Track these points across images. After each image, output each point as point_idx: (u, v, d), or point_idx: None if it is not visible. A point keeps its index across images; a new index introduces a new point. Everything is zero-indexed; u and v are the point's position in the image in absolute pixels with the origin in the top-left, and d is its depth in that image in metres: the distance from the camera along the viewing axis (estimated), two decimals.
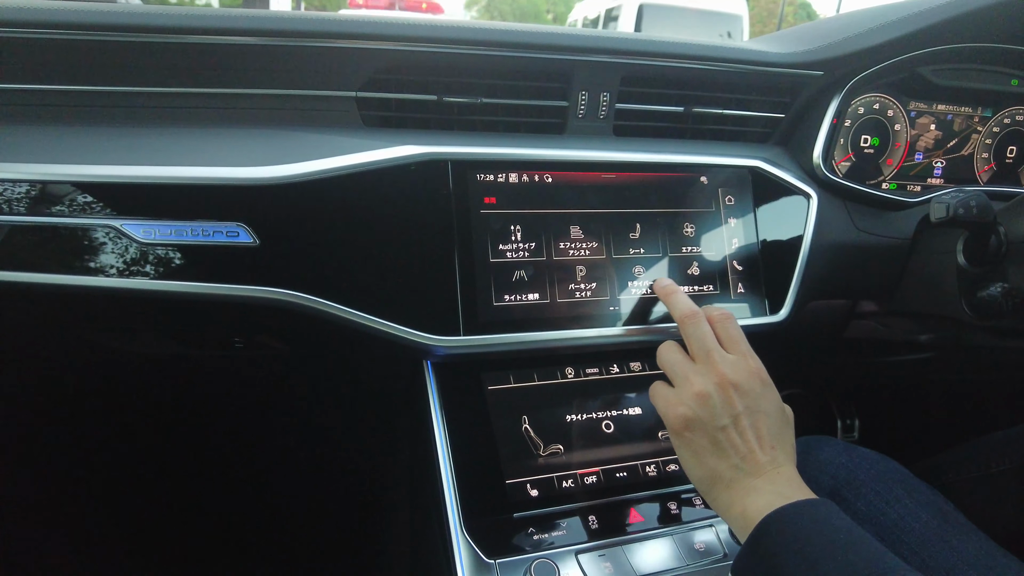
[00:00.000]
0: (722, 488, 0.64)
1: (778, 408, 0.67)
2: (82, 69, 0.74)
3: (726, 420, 0.64)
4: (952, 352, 1.19)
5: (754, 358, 0.69)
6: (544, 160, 0.80)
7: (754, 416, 0.65)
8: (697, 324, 0.70)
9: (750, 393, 0.65)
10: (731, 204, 0.87)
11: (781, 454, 0.64)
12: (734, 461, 0.63)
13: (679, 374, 0.69)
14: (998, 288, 0.85)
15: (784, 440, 0.66)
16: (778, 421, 0.66)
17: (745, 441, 0.64)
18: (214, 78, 0.77)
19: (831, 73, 0.95)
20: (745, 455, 0.63)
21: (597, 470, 0.79)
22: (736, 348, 0.68)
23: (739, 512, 0.61)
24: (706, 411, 0.65)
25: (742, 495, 0.62)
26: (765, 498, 0.60)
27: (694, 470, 0.67)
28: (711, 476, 0.65)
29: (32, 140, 0.71)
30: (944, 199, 0.81)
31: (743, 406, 0.64)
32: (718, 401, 0.65)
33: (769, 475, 0.62)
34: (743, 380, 0.66)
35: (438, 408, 0.78)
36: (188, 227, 0.70)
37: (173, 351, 0.96)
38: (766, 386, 0.67)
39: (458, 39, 0.79)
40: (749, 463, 0.63)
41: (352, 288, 0.73)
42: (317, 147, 0.74)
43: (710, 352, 0.68)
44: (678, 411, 0.66)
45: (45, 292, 0.70)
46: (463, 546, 0.71)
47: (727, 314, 0.70)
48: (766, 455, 0.63)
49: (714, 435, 0.64)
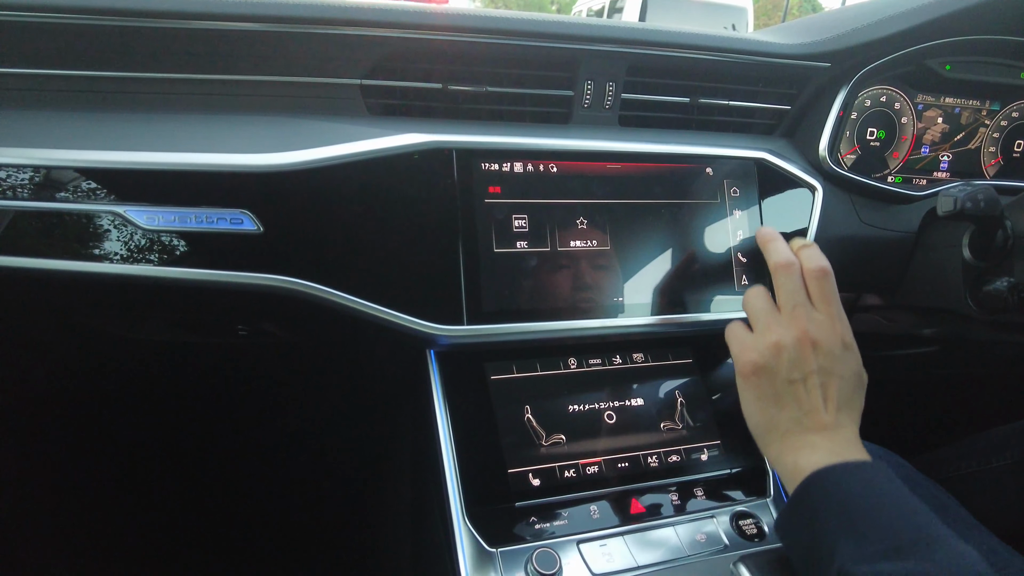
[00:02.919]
0: (776, 437, 0.64)
1: (855, 373, 0.66)
2: (86, 54, 0.73)
3: (796, 375, 0.63)
4: (955, 346, 1.19)
5: (842, 319, 0.67)
6: (549, 150, 0.80)
7: (827, 377, 0.64)
8: (790, 275, 0.68)
9: (829, 354, 0.64)
10: (736, 196, 0.87)
11: (846, 417, 0.63)
12: (796, 415, 0.63)
13: (761, 321, 0.68)
14: (1004, 283, 0.85)
15: (853, 405, 0.65)
16: (852, 385, 0.65)
17: (812, 399, 0.63)
18: (219, 65, 0.76)
19: (838, 65, 0.94)
20: (808, 411, 0.63)
21: (599, 460, 0.79)
22: (826, 306, 0.67)
23: (791, 463, 0.61)
24: (778, 362, 0.64)
25: (796, 448, 0.62)
26: (819, 454, 0.60)
27: (753, 416, 0.66)
28: (768, 424, 0.64)
29: (36, 125, 0.71)
30: (952, 192, 0.81)
31: (817, 365, 0.64)
32: (793, 355, 0.64)
33: (828, 433, 0.62)
34: (824, 339, 0.64)
35: (441, 397, 0.78)
36: (192, 213, 0.69)
37: (176, 338, 0.96)
38: (847, 349, 0.66)
39: (464, 27, 0.79)
40: (810, 419, 0.62)
41: (356, 276, 0.73)
42: (321, 134, 0.74)
43: (796, 306, 0.66)
44: (750, 356, 0.66)
45: (48, 278, 0.70)
46: (465, 535, 0.71)
47: (825, 270, 0.68)
48: (830, 416, 0.63)
49: (781, 387, 0.64)
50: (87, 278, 0.70)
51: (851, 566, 0.51)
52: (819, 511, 0.56)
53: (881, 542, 0.51)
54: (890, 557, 0.50)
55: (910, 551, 0.50)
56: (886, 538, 0.51)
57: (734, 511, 0.80)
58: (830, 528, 0.54)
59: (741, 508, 0.81)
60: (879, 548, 0.51)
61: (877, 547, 0.51)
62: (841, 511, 0.55)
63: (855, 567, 0.51)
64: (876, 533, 0.52)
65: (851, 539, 0.53)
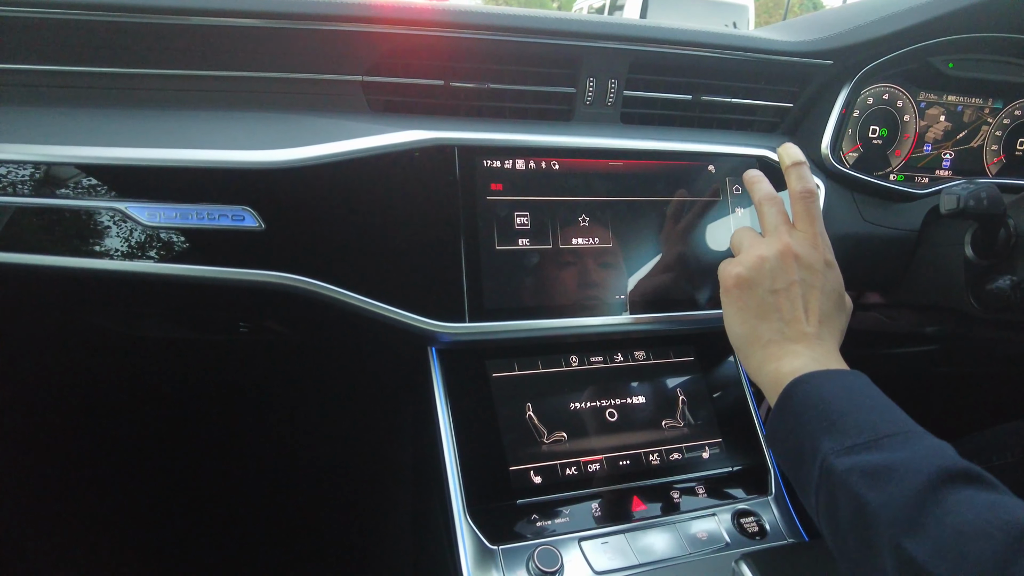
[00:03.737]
0: (758, 347, 0.64)
1: (837, 292, 0.67)
2: (86, 51, 0.73)
3: (779, 285, 0.64)
4: (957, 345, 1.19)
5: (824, 238, 0.68)
6: (551, 147, 0.80)
7: (808, 289, 0.64)
8: (773, 205, 0.70)
9: (811, 268, 0.65)
10: (738, 193, 0.87)
11: (826, 330, 0.64)
12: (777, 325, 0.64)
13: (745, 243, 0.69)
14: (1006, 281, 0.85)
15: (833, 321, 0.66)
16: (833, 302, 0.66)
17: (794, 308, 0.64)
18: (220, 61, 0.76)
19: (841, 62, 0.94)
20: (790, 321, 0.63)
21: (600, 458, 0.79)
22: (809, 226, 0.68)
23: (772, 371, 0.62)
24: (761, 274, 0.65)
25: (778, 356, 0.62)
26: (801, 360, 0.60)
27: (735, 327, 0.67)
28: (750, 334, 0.65)
29: (37, 122, 0.71)
30: (955, 190, 0.81)
31: (800, 276, 0.64)
32: (775, 266, 0.65)
33: (810, 343, 0.62)
34: (806, 254, 0.65)
35: (442, 395, 0.78)
36: (193, 210, 0.69)
37: (178, 335, 0.96)
38: (829, 267, 0.67)
39: (466, 24, 0.78)
40: (792, 329, 0.63)
41: (357, 273, 0.73)
42: (323, 131, 0.74)
43: (778, 226, 0.67)
44: (733, 270, 0.67)
45: (50, 274, 0.70)
46: (467, 532, 0.71)
47: (810, 191, 0.68)
48: (812, 327, 0.63)
49: (763, 297, 0.64)
50: (88, 275, 0.70)
51: (832, 459, 0.52)
52: (801, 413, 0.57)
53: (860, 436, 0.52)
54: (870, 449, 0.51)
55: (888, 443, 0.51)
56: (865, 432, 0.53)
57: (735, 509, 0.80)
58: (812, 427, 0.55)
59: (742, 506, 0.81)
60: (859, 441, 0.52)
61: (857, 440, 0.52)
62: (822, 411, 0.56)
63: (836, 460, 0.52)
64: (855, 429, 0.53)
65: (832, 435, 0.54)
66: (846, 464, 0.51)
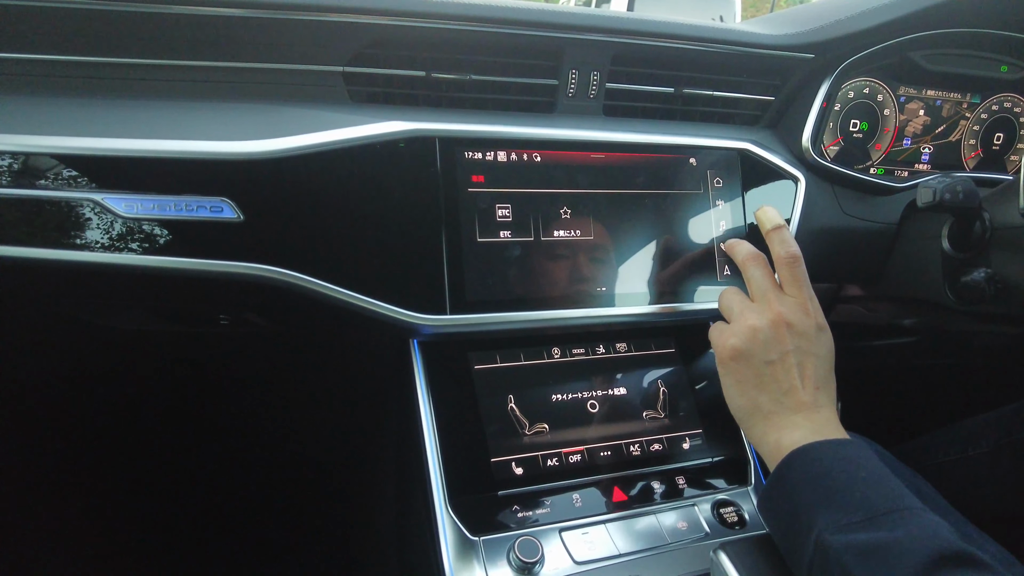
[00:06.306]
0: (760, 419, 0.65)
1: (830, 352, 0.68)
2: (61, 39, 0.72)
3: (774, 355, 0.65)
4: (934, 337, 1.21)
5: (814, 302, 0.69)
6: (533, 139, 0.80)
7: (803, 356, 0.65)
8: (757, 265, 0.71)
9: (804, 334, 0.66)
10: (719, 186, 0.87)
11: (824, 396, 0.65)
12: (776, 396, 0.64)
13: (735, 311, 0.69)
14: (981, 273, 0.86)
15: (830, 385, 0.67)
16: (827, 365, 0.67)
17: (789, 378, 0.64)
18: (198, 50, 0.75)
19: (822, 56, 0.95)
20: (787, 391, 0.64)
21: (581, 449, 0.80)
22: (797, 291, 0.69)
23: (773, 442, 0.63)
24: (755, 344, 0.66)
25: (778, 428, 0.63)
26: (800, 432, 0.61)
27: (735, 399, 0.68)
28: (751, 406, 0.66)
29: (12, 111, 0.69)
30: (931, 184, 0.82)
31: (794, 345, 0.65)
32: (769, 336, 0.65)
33: (808, 413, 0.63)
34: (798, 320, 0.66)
35: (424, 387, 0.78)
36: (171, 201, 0.68)
37: (158, 327, 0.95)
38: (821, 330, 0.68)
39: (448, 15, 0.78)
40: (791, 399, 0.64)
41: (337, 265, 0.73)
42: (303, 122, 0.73)
43: (767, 291, 0.68)
44: (728, 341, 0.67)
45: (27, 266, 0.68)
46: (448, 523, 0.71)
47: (794, 255, 0.70)
48: (808, 395, 0.64)
49: (760, 368, 0.65)
50: (65, 267, 0.69)
51: (828, 535, 0.53)
52: (799, 485, 0.58)
53: (856, 513, 0.53)
54: (865, 527, 0.52)
55: (884, 521, 0.52)
56: (861, 509, 0.53)
57: (715, 499, 0.81)
58: (808, 501, 0.56)
59: (722, 496, 0.82)
60: (854, 519, 0.53)
61: (853, 517, 0.53)
62: (819, 484, 0.56)
63: (832, 536, 0.52)
64: (852, 505, 0.54)
65: (828, 510, 0.54)
66: (842, 542, 0.52)
